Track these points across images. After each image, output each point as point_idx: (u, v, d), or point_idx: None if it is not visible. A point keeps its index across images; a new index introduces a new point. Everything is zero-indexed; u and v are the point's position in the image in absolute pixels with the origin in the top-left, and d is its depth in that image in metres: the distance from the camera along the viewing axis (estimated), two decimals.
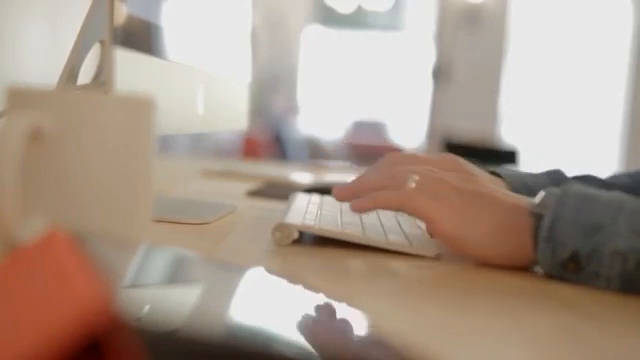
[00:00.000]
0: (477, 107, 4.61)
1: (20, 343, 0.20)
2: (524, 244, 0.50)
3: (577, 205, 0.48)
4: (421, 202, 0.53)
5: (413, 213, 0.54)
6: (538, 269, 0.51)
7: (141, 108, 0.40)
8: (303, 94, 5.49)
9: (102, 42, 0.57)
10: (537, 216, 0.49)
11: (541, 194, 0.50)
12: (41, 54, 0.62)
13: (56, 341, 0.19)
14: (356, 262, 0.52)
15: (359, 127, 5.77)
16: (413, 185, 0.54)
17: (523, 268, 0.52)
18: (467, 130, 4.30)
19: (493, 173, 0.68)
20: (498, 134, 4.57)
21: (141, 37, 0.58)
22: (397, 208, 0.55)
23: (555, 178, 0.68)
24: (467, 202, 0.53)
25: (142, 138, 0.40)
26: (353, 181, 0.59)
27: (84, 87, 0.57)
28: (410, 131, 5.08)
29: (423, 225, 0.57)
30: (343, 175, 1.29)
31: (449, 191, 0.53)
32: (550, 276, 0.49)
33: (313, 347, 0.23)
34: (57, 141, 0.37)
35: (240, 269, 0.35)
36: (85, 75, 0.58)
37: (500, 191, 0.54)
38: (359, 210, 0.56)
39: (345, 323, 0.29)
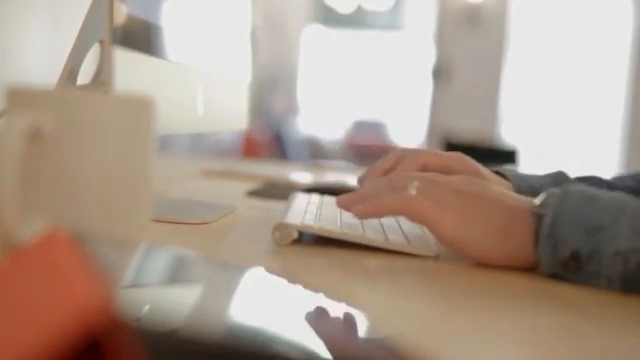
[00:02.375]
0: (477, 107, 4.61)
1: (20, 343, 0.19)
2: (525, 245, 0.50)
3: (578, 204, 0.48)
4: (422, 206, 0.53)
5: (415, 217, 0.54)
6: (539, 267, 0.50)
7: (141, 108, 0.40)
8: (303, 94, 5.49)
9: (102, 42, 0.57)
10: (538, 217, 0.49)
11: (542, 195, 0.50)
12: (40, 54, 0.62)
13: (55, 341, 0.19)
14: (356, 262, 0.52)
15: (359, 127, 5.77)
16: (413, 191, 0.54)
17: (524, 269, 0.52)
18: (467, 130, 4.30)
19: (498, 173, 0.69)
20: (498, 134, 4.56)
21: (141, 37, 0.58)
22: (399, 212, 0.55)
23: (559, 180, 0.68)
24: (468, 203, 0.53)
25: (142, 138, 0.40)
26: (355, 191, 0.59)
27: (84, 87, 0.57)
28: (410, 131, 5.08)
29: (425, 228, 0.57)
30: (343, 175, 1.29)
31: (450, 194, 0.53)
32: (551, 276, 0.49)
33: (313, 347, 0.23)
34: (57, 141, 0.37)
35: (240, 269, 0.35)
36: (85, 75, 0.58)
37: (502, 192, 0.54)
38: (362, 216, 0.56)
39: (345, 323, 0.29)
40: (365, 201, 0.56)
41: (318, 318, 0.29)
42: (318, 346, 0.24)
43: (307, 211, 0.63)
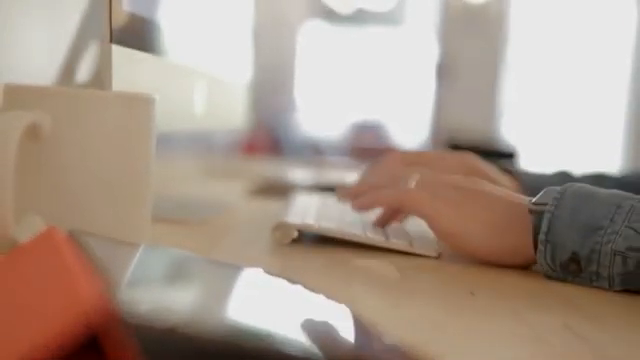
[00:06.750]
0: (478, 107, 4.61)
1: (21, 340, 0.19)
2: (525, 243, 0.50)
3: (575, 204, 0.47)
4: (420, 200, 0.53)
5: (412, 211, 0.54)
6: (537, 268, 0.50)
7: (139, 105, 0.40)
8: (303, 93, 5.48)
9: (100, 40, 0.57)
10: (537, 214, 0.49)
11: (540, 193, 0.50)
12: (38, 51, 0.62)
13: (56, 338, 0.19)
14: (356, 262, 0.52)
15: (359, 127, 5.76)
16: (413, 184, 0.55)
17: (523, 267, 0.52)
18: (468, 130, 4.30)
19: (506, 171, 0.70)
20: (499, 134, 4.56)
21: (140, 35, 0.57)
22: (396, 205, 0.55)
23: (565, 179, 0.68)
24: (466, 198, 0.53)
25: (141, 136, 0.40)
26: (356, 183, 0.61)
27: (82, 85, 0.57)
28: (411, 131, 5.07)
29: (424, 224, 0.56)
30: (343, 173, 1.28)
31: (448, 189, 0.54)
32: (550, 277, 0.49)
33: (314, 347, 0.23)
34: (54, 139, 0.37)
35: (239, 269, 0.35)
36: (83, 73, 0.57)
37: (501, 189, 0.54)
38: (359, 208, 0.57)
39: (346, 323, 0.29)
40: (365, 194, 0.58)
41: (318, 318, 0.28)
42: (319, 346, 0.23)
43: (307, 210, 0.63)
